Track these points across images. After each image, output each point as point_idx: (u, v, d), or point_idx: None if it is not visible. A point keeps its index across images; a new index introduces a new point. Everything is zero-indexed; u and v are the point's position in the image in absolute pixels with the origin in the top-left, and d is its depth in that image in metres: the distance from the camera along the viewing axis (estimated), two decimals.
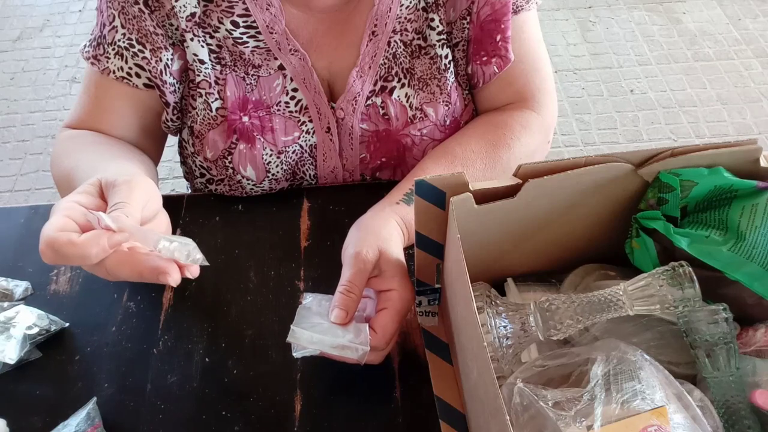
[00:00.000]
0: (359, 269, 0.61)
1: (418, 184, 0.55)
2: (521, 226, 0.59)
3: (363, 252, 0.62)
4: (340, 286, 0.61)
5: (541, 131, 0.82)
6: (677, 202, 0.57)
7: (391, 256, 0.63)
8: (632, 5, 2.54)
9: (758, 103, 2.16)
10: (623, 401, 0.46)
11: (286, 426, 0.63)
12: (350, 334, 0.59)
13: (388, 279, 0.62)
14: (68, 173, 0.71)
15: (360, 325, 0.60)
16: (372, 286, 0.63)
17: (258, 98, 0.78)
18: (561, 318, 0.54)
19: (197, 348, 0.69)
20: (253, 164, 0.80)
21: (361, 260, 0.61)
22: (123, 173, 0.57)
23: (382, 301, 0.62)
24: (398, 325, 0.62)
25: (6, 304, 0.69)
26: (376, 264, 0.62)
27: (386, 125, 0.80)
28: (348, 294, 0.60)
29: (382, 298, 0.62)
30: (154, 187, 0.59)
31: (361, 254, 0.61)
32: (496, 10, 0.75)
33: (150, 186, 0.58)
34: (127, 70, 0.75)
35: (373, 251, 0.62)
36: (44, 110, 2.22)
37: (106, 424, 0.63)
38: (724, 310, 0.53)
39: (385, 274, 0.63)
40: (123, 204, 0.53)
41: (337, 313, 0.60)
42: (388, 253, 0.63)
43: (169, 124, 0.81)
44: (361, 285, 0.61)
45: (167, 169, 1.87)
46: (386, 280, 0.62)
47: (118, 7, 0.72)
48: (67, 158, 0.74)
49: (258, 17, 0.73)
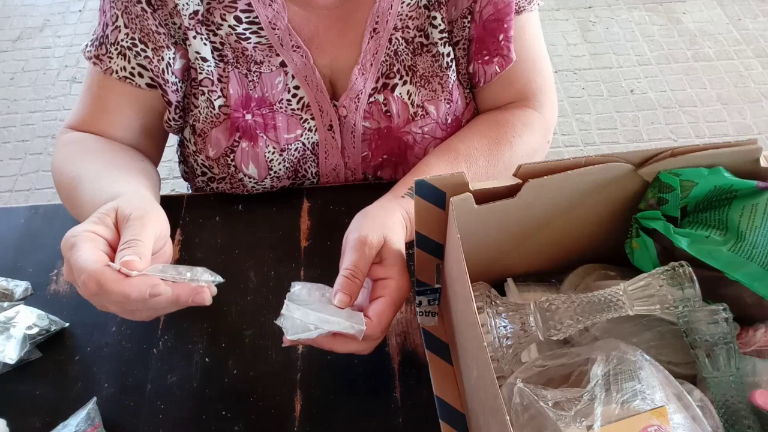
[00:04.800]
0: (364, 254, 0.60)
1: (417, 184, 0.55)
2: (521, 226, 0.59)
3: (369, 237, 0.61)
4: (344, 270, 0.60)
5: (542, 130, 0.82)
6: (677, 202, 0.57)
7: (393, 246, 0.63)
8: (632, 5, 2.54)
9: (758, 103, 2.16)
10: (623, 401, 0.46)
11: (286, 426, 0.63)
12: (344, 315, 0.58)
13: (388, 267, 0.62)
14: (71, 181, 0.72)
15: (354, 312, 0.59)
16: (371, 273, 0.62)
17: (260, 95, 0.78)
18: (561, 318, 0.54)
19: (197, 348, 0.69)
20: (255, 162, 0.80)
21: (367, 245, 0.61)
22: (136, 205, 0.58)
23: (379, 288, 0.61)
24: (393, 315, 0.61)
25: (6, 304, 0.69)
26: (378, 251, 0.62)
27: (388, 122, 0.81)
28: (352, 278, 0.59)
29: (380, 285, 0.62)
30: (164, 218, 0.60)
31: (367, 239, 0.61)
32: (499, 9, 0.75)
33: (161, 219, 0.59)
34: (129, 70, 0.75)
35: (378, 238, 0.62)
36: (44, 110, 2.22)
37: (106, 424, 0.63)
38: (724, 310, 0.53)
39: (385, 262, 0.62)
40: (136, 242, 0.55)
41: (340, 297, 0.59)
42: (390, 242, 0.63)
43: (172, 123, 0.81)
44: (364, 270, 0.60)
45: (167, 169, 1.87)
46: (386, 269, 0.62)
47: (122, 7, 0.73)
48: (69, 165, 0.74)
49: (261, 13, 0.74)
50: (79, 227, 0.56)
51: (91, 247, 0.54)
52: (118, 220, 0.58)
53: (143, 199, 0.64)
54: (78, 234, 0.55)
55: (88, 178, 0.70)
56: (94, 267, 0.52)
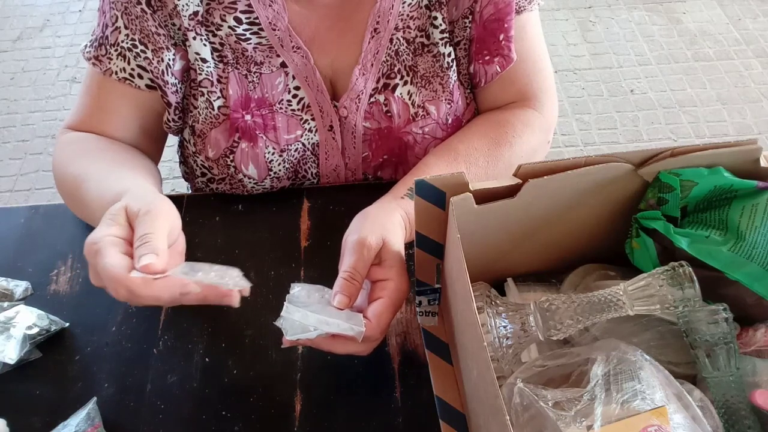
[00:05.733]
0: (362, 256, 0.61)
1: (417, 184, 0.55)
2: (521, 226, 0.59)
3: (368, 239, 0.61)
4: (343, 272, 0.60)
5: (542, 130, 0.82)
6: (677, 202, 0.57)
7: (392, 247, 0.63)
8: (632, 5, 2.54)
9: (758, 103, 2.16)
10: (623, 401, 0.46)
11: (286, 426, 0.63)
12: (344, 316, 0.58)
13: (387, 269, 0.62)
14: (74, 180, 0.72)
15: (353, 313, 0.60)
16: (370, 274, 0.63)
17: (260, 96, 0.78)
18: (561, 318, 0.54)
19: (197, 348, 0.69)
20: (255, 163, 0.80)
21: (366, 247, 0.61)
22: (143, 200, 0.59)
23: (378, 290, 0.61)
24: (392, 316, 0.61)
25: (6, 304, 0.69)
26: (377, 252, 0.62)
27: (388, 123, 0.80)
28: (351, 280, 0.60)
29: (378, 287, 0.62)
30: (174, 210, 0.60)
31: (366, 241, 0.61)
32: (499, 9, 0.75)
33: (171, 211, 0.60)
34: (129, 72, 0.75)
35: (377, 239, 0.62)
36: (44, 110, 2.22)
37: (106, 424, 0.63)
38: (724, 310, 0.53)
39: (384, 263, 0.62)
40: (149, 236, 0.55)
41: (340, 299, 0.59)
42: (390, 244, 0.63)
43: (171, 124, 0.81)
44: (363, 272, 0.61)
45: (167, 169, 1.87)
46: (385, 270, 0.62)
47: (121, 8, 0.72)
48: (71, 164, 0.74)
49: (261, 14, 0.73)
50: (98, 232, 0.56)
51: (115, 252, 0.54)
52: (129, 217, 0.58)
53: (149, 192, 0.64)
54: (99, 240, 0.55)
55: (92, 177, 0.70)
56: (121, 274, 0.53)
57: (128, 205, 0.58)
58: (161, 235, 0.56)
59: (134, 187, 0.64)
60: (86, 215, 0.74)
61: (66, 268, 0.76)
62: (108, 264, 0.53)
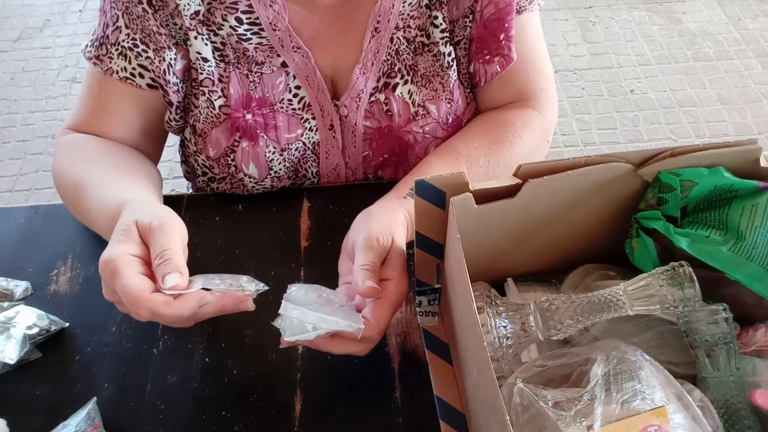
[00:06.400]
0: (377, 252, 0.60)
1: (418, 183, 0.55)
2: (521, 226, 0.59)
3: (380, 237, 0.62)
4: (361, 267, 0.59)
5: (542, 130, 0.82)
6: (677, 202, 0.57)
7: (397, 247, 0.63)
8: (632, 5, 2.54)
9: (758, 103, 2.16)
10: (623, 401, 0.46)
11: (286, 426, 0.64)
12: (343, 314, 0.58)
13: (389, 269, 0.62)
14: (75, 186, 0.72)
15: (352, 311, 0.59)
16: None
17: (261, 96, 0.78)
18: (561, 318, 0.54)
19: (197, 348, 0.69)
20: (255, 162, 0.80)
21: (379, 245, 0.61)
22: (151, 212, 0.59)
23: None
24: (391, 317, 0.61)
25: (6, 304, 0.69)
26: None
27: (389, 122, 0.81)
28: (373, 272, 0.59)
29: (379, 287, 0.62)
30: (181, 222, 0.61)
31: (379, 239, 0.61)
32: (500, 9, 0.75)
33: (179, 223, 0.60)
34: (130, 71, 0.75)
35: (388, 238, 0.62)
36: (44, 110, 2.22)
37: (106, 424, 0.63)
38: (724, 310, 0.53)
39: (388, 263, 0.62)
40: (169, 253, 0.55)
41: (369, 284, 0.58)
42: (396, 243, 0.63)
43: (172, 123, 0.81)
44: (378, 268, 0.60)
45: (167, 169, 1.88)
46: (387, 270, 0.62)
47: (122, 8, 0.72)
48: (72, 168, 0.74)
49: (261, 14, 0.74)
50: (113, 250, 0.56)
51: (134, 273, 0.55)
52: (141, 231, 0.58)
53: (154, 205, 0.65)
54: (115, 258, 0.55)
55: (93, 184, 0.70)
56: (142, 296, 0.53)
57: (138, 220, 0.58)
58: (179, 249, 0.56)
59: (136, 199, 0.64)
60: (87, 221, 0.74)
61: (66, 268, 0.76)
62: (128, 286, 0.53)
